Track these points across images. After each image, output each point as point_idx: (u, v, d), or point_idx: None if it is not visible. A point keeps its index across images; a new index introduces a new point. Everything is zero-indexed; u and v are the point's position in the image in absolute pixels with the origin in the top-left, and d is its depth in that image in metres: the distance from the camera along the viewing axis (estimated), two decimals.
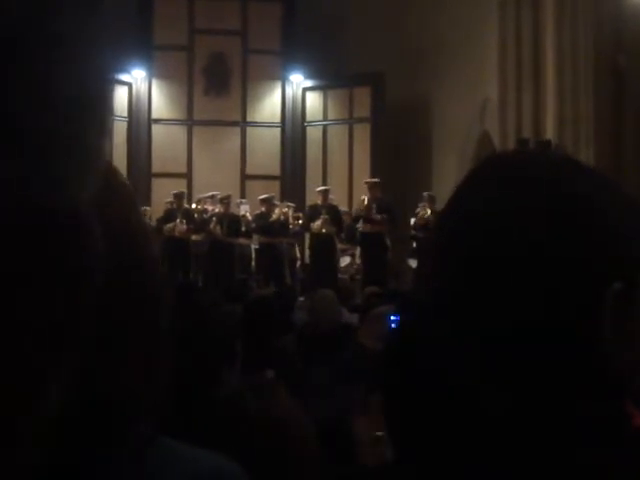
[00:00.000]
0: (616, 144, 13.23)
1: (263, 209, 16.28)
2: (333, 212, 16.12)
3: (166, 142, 19.56)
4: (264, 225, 16.02)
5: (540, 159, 1.00)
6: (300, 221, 16.43)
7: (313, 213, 16.24)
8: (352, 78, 19.50)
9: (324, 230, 15.91)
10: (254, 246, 16.67)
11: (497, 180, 0.96)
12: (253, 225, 16.45)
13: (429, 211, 15.34)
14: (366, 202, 15.65)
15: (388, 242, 15.75)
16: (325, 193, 16.44)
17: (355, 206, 16.55)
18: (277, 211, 16.24)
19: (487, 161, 1.00)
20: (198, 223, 16.05)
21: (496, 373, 0.92)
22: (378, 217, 15.43)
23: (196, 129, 20.13)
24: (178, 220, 15.83)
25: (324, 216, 15.90)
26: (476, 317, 0.91)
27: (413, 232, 15.51)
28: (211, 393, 2.42)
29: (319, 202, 16.34)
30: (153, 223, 15.40)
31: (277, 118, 20.41)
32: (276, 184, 19.34)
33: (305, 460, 2.20)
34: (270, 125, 20.35)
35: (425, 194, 15.66)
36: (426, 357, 0.93)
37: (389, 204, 15.58)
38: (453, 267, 0.94)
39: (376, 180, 16.37)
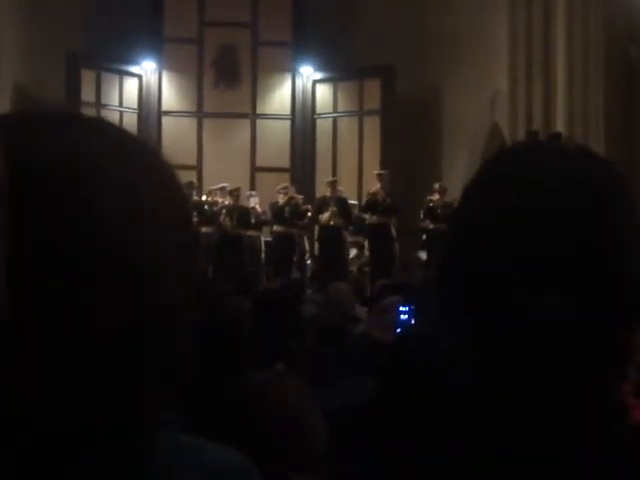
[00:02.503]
0: (627, 137, 13.19)
1: (280, 198, 16.28)
2: (341, 204, 16.12)
3: (176, 134, 19.54)
4: (276, 212, 16.04)
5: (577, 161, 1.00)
6: (309, 213, 16.42)
7: (321, 205, 16.24)
8: (362, 70, 19.47)
9: (332, 222, 15.91)
10: (264, 238, 16.67)
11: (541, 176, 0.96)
12: (263, 217, 16.46)
13: (437, 195, 15.39)
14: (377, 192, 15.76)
15: (394, 233, 15.77)
16: (333, 184, 16.47)
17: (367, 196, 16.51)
18: (281, 197, 16.22)
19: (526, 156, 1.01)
20: (208, 215, 16.05)
21: (502, 372, 0.93)
22: (387, 201, 15.53)
23: (206, 121, 20.13)
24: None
25: (332, 208, 15.91)
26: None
27: (423, 224, 15.50)
28: (222, 385, 2.42)
29: (328, 194, 16.35)
30: None
31: (287, 110, 20.40)
32: (286, 176, 19.31)
33: (314, 451, 2.21)
34: (280, 117, 20.33)
35: (436, 185, 15.65)
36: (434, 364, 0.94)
37: (392, 195, 15.71)
38: (494, 263, 0.94)
39: (383, 171, 16.45)
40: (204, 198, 16.71)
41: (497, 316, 0.93)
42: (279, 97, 20.42)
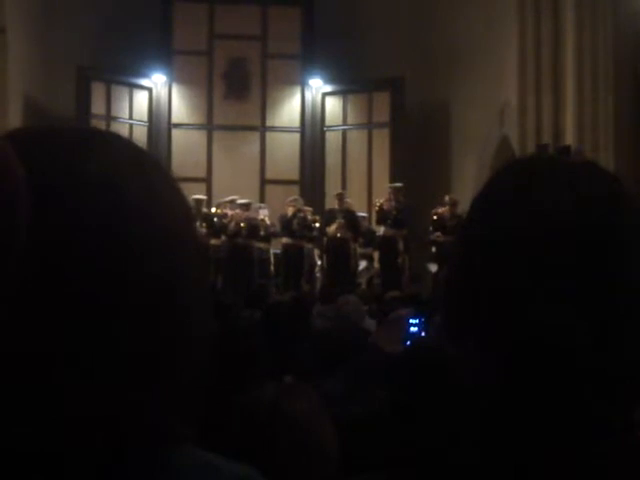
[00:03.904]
0: (636, 148, 13.17)
1: (290, 210, 16.28)
2: (349, 216, 16.13)
3: (186, 147, 19.59)
4: (284, 224, 16.05)
5: (590, 173, 1.01)
6: (317, 224, 16.42)
7: (329, 217, 16.26)
8: (371, 83, 19.50)
9: (339, 234, 15.92)
10: (273, 250, 16.67)
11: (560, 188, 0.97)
12: (272, 229, 16.47)
13: (445, 208, 15.39)
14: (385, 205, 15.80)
15: (401, 246, 15.76)
16: (341, 196, 16.47)
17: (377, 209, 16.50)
18: (290, 209, 16.22)
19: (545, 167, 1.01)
20: (218, 227, 16.07)
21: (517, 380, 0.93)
22: (394, 213, 15.57)
23: (216, 134, 20.16)
24: (197, 224, 15.84)
25: (339, 220, 15.93)
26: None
27: (432, 236, 15.47)
28: (232, 398, 2.42)
29: (336, 206, 16.37)
30: None
31: (296, 123, 20.41)
32: (295, 189, 19.33)
33: (326, 464, 2.20)
34: (289, 130, 20.35)
35: (447, 197, 15.63)
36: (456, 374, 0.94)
37: (405, 208, 15.72)
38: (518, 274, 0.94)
39: (397, 185, 16.46)
40: (213, 210, 16.72)
41: (512, 331, 0.93)
42: (289, 110, 20.45)
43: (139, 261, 0.76)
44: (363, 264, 16.92)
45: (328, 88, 20.33)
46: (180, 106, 20.08)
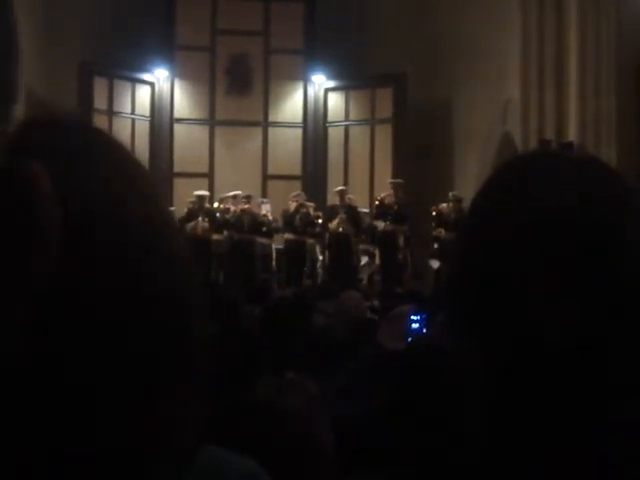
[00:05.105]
0: (638, 144, 13.17)
1: (292, 206, 16.30)
2: (351, 212, 16.16)
3: (188, 142, 19.60)
4: (286, 220, 16.08)
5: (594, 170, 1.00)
6: (319, 220, 16.45)
7: (331, 213, 16.29)
8: (374, 79, 19.49)
9: (341, 229, 15.95)
10: (275, 246, 16.68)
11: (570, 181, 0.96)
12: (274, 224, 16.48)
13: (446, 204, 15.43)
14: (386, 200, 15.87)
15: (401, 241, 15.78)
16: (341, 193, 16.50)
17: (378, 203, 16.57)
18: (293, 205, 16.23)
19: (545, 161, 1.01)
20: (220, 222, 16.08)
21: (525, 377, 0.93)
22: (395, 208, 15.65)
23: (218, 129, 20.17)
24: (200, 218, 15.87)
25: (341, 216, 15.96)
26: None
27: (434, 232, 15.48)
28: (235, 394, 2.41)
29: (338, 202, 16.40)
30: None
31: (299, 118, 20.42)
32: (297, 184, 19.35)
33: (322, 460, 2.20)
34: (292, 125, 20.36)
35: (450, 194, 15.63)
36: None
37: (405, 204, 15.78)
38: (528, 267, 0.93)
39: (397, 181, 16.50)
40: (215, 205, 16.74)
41: (513, 328, 0.93)
42: (291, 105, 20.45)
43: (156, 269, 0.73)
44: (365, 260, 16.94)
45: (331, 84, 20.33)
46: (182, 101, 20.10)
